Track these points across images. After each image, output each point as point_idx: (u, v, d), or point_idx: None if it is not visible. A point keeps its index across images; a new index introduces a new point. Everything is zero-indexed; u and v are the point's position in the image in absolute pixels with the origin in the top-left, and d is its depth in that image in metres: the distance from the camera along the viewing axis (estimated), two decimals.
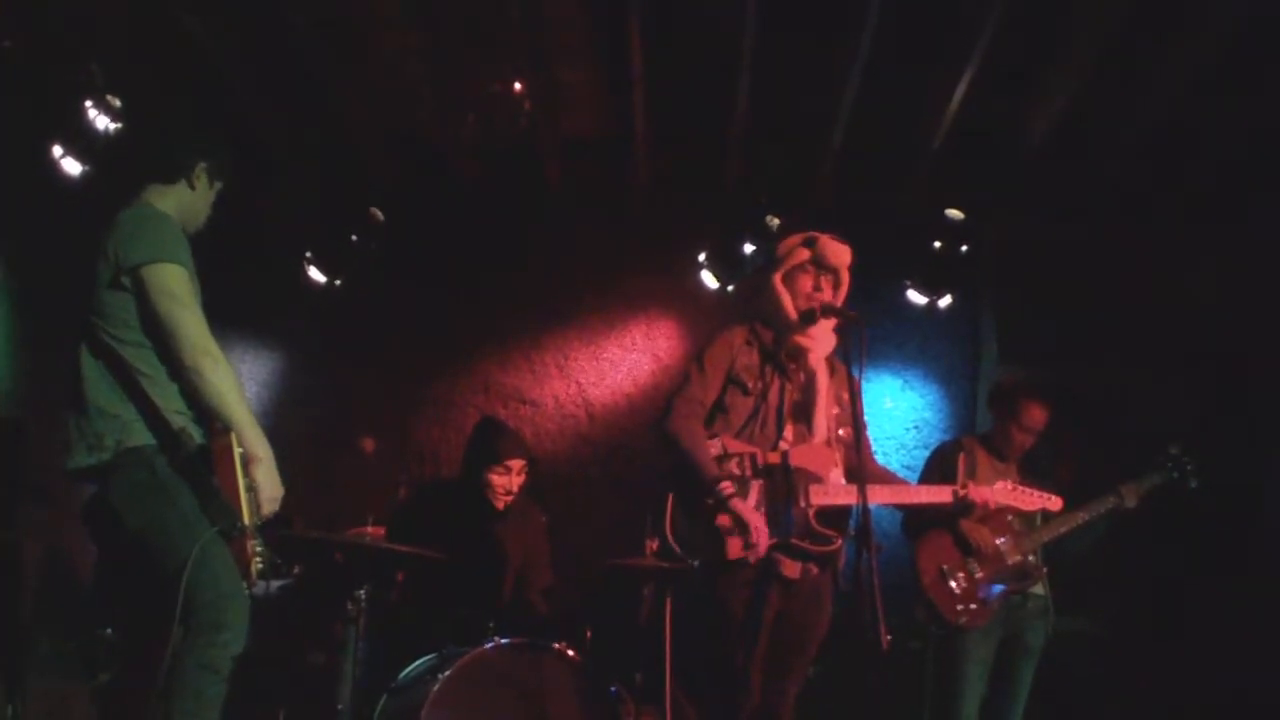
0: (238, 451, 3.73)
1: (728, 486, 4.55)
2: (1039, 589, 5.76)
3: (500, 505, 5.84)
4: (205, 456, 3.73)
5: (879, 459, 7.38)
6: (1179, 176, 7.30)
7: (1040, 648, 5.78)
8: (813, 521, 4.59)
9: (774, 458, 4.67)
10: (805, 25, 6.28)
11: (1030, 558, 5.69)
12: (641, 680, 5.25)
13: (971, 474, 5.47)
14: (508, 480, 5.82)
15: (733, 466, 4.67)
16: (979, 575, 5.59)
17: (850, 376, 4.68)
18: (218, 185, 4.18)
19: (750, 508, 4.57)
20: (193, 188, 4.07)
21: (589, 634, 5.43)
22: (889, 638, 3.93)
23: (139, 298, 3.77)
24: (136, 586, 3.90)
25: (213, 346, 3.77)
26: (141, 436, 3.72)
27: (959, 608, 5.57)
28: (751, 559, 4.54)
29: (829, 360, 4.87)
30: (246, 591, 3.75)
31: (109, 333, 3.79)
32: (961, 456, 5.66)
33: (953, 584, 5.58)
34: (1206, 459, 5.85)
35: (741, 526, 4.51)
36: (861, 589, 4.01)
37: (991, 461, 5.84)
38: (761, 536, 4.51)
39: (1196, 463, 5.82)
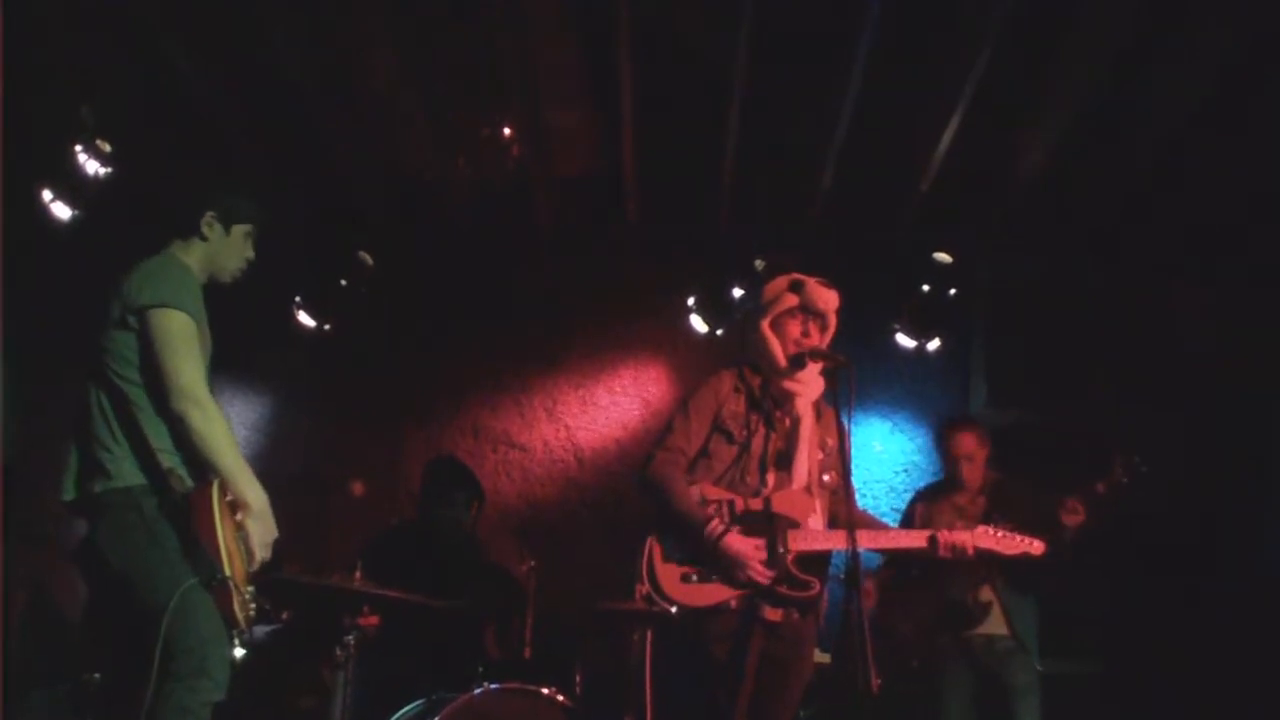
0: (222, 501, 3.72)
1: (717, 526, 4.54)
2: (998, 629, 5.68)
3: (452, 540, 5.91)
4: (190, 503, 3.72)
5: (868, 502, 7.42)
6: (1169, 217, 7.32)
7: (1029, 684, 5.68)
8: (791, 567, 4.57)
9: (755, 504, 4.66)
10: (795, 67, 6.32)
11: (968, 598, 5.66)
12: None
13: (929, 521, 5.51)
14: (455, 514, 5.90)
15: (710, 513, 4.65)
16: (921, 624, 5.62)
17: (839, 422, 4.67)
18: (242, 229, 4.15)
19: (744, 539, 4.56)
20: (205, 239, 4.07)
21: (579, 678, 5.40)
22: (879, 681, 3.92)
23: (141, 338, 3.81)
24: (122, 628, 3.89)
25: (203, 395, 3.77)
26: (132, 476, 3.74)
27: (907, 658, 5.61)
28: (733, 604, 4.54)
29: (816, 405, 4.86)
30: (235, 640, 3.74)
31: (114, 370, 3.82)
32: (919, 508, 5.71)
33: (895, 638, 5.61)
34: (1156, 458, 5.54)
35: (738, 563, 4.50)
36: (851, 632, 4.00)
37: (950, 500, 5.84)
38: (758, 567, 4.50)
39: (1147, 462, 5.43)
